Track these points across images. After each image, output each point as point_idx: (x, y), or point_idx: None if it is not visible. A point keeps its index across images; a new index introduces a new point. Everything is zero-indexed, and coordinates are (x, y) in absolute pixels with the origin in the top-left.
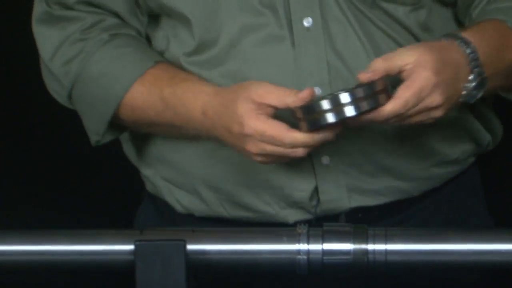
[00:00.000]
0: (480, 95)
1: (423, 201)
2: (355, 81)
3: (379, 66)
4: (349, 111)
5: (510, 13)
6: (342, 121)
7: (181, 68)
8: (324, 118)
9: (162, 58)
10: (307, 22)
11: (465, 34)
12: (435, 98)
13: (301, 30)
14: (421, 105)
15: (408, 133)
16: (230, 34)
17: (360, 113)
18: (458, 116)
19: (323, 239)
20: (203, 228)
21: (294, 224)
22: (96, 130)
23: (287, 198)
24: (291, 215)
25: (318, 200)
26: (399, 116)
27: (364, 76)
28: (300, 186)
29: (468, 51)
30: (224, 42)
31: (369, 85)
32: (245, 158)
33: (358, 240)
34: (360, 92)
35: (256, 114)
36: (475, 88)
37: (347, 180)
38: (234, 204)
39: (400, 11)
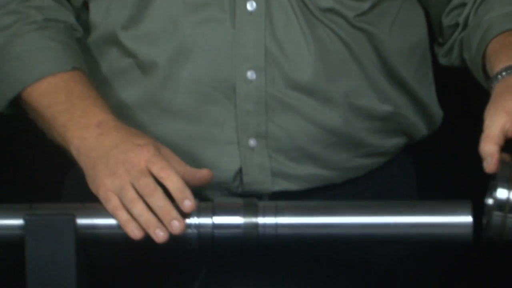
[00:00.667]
0: None
1: (346, 187)
2: (290, 68)
3: (492, 149)
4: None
5: None
6: None
7: (118, 42)
8: None
9: (82, 64)
10: (250, 6)
11: None
12: None
13: (244, 13)
14: None
15: (338, 124)
16: (170, 11)
17: None
18: (393, 111)
19: (214, 212)
20: (93, 203)
21: None
22: None
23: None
24: (214, 196)
25: (241, 181)
26: None
27: (492, 167)
28: (225, 166)
29: None
30: (163, 19)
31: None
32: (172, 137)
33: (249, 213)
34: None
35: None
36: None
37: (271, 164)
38: None
39: (345, 6)
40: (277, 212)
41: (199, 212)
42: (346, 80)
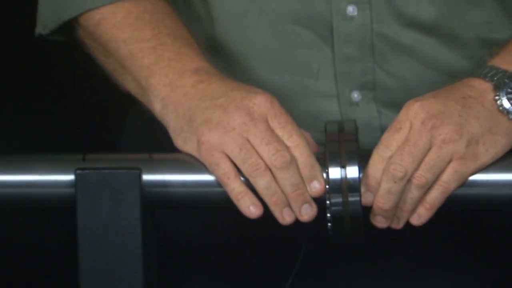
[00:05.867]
0: None
1: None
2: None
3: None
4: None
5: None
6: None
7: None
8: None
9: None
10: None
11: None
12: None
13: None
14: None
15: (467, 67)
16: None
17: None
18: None
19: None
20: (164, 154)
21: None
22: (44, 23)
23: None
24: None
25: None
26: None
27: None
28: (322, 126)
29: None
30: None
31: None
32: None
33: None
34: None
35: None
36: None
37: (382, 122)
38: None
39: None
40: None
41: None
42: (475, 11)
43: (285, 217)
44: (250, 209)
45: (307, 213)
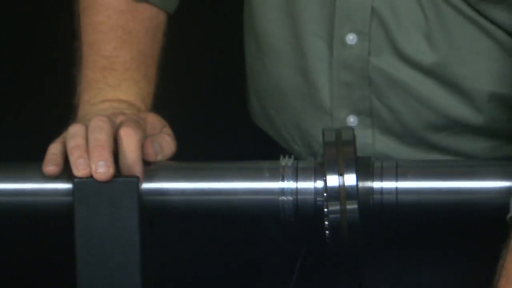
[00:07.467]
0: None
1: None
2: (402, 37)
3: None
4: None
5: None
6: None
7: None
8: None
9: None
10: None
11: None
12: None
13: None
14: None
15: (469, 116)
16: None
17: None
18: None
19: (316, 174)
20: (161, 162)
21: None
22: None
23: (312, 149)
24: None
25: None
26: None
27: None
28: (319, 139)
29: None
30: None
31: None
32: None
33: (361, 175)
34: None
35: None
36: None
37: (376, 147)
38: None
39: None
40: (399, 174)
41: (297, 174)
42: (482, 62)
43: (77, 165)
44: (47, 165)
45: (100, 170)
